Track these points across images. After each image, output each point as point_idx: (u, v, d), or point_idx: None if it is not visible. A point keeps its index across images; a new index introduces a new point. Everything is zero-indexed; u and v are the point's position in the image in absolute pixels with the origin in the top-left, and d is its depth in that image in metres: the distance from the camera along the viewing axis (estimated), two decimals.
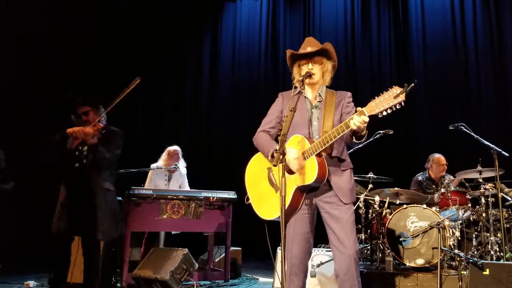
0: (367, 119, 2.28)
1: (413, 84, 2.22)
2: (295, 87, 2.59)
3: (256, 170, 2.75)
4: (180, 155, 5.65)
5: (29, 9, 7.18)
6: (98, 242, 3.55)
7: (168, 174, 5.55)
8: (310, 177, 2.44)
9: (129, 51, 8.42)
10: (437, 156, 5.56)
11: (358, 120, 2.28)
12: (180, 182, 5.59)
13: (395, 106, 2.22)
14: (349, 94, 2.71)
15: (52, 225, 3.42)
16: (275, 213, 2.55)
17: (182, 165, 5.65)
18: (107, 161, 3.50)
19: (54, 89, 6.77)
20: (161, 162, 5.58)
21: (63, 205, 3.45)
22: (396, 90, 2.22)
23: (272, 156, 2.50)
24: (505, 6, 6.90)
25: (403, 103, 2.20)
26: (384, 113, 2.25)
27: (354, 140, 2.45)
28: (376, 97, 2.27)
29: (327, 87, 2.71)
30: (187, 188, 5.56)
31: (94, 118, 3.54)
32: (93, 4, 7.78)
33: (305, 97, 2.68)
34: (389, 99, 2.22)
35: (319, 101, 2.66)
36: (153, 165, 5.58)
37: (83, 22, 7.68)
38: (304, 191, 2.55)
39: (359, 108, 2.31)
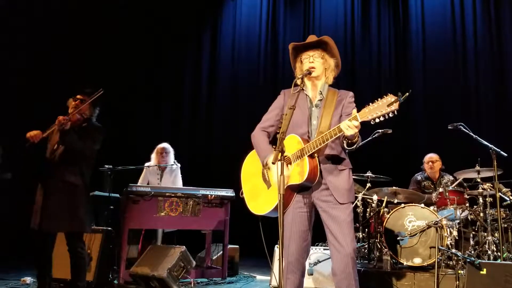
0: (357, 124, 2.29)
1: (407, 94, 2.21)
2: (296, 85, 2.57)
3: (252, 165, 2.76)
4: (169, 152, 5.57)
5: (28, 8, 7.16)
6: (80, 236, 3.57)
7: (160, 172, 5.52)
8: (301, 177, 2.46)
9: (128, 49, 8.41)
10: (427, 155, 5.60)
11: (348, 124, 2.29)
12: (172, 179, 5.53)
13: (388, 114, 2.22)
14: (351, 94, 2.69)
15: (31, 222, 3.47)
16: (265, 208, 2.59)
17: (171, 161, 5.58)
18: (79, 152, 3.48)
19: (52, 87, 6.76)
20: (152, 160, 5.57)
21: (36, 201, 3.50)
22: (390, 98, 2.21)
23: (267, 165, 2.57)
24: (505, 6, 6.90)
25: (396, 112, 2.20)
26: (377, 120, 2.26)
27: (345, 146, 2.48)
28: (370, 104, 2.27)
29: (329, 85, 2.70)
30: (179, 184, 5.49)
31: (84, 109, 3.58)
32: (92, 2, 7.75)
33: (306, 95, 2.67)
34: (383, 107, 2.22)
35: (320, 100, 2.65)
36: (147, 164, 5.56)
37: (83, 21, 7.66)
38: (295, 190, 2.56)
39: (354, 111, 2.33)
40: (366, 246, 4.81)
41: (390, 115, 2.23)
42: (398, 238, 4.27)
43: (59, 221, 3.40)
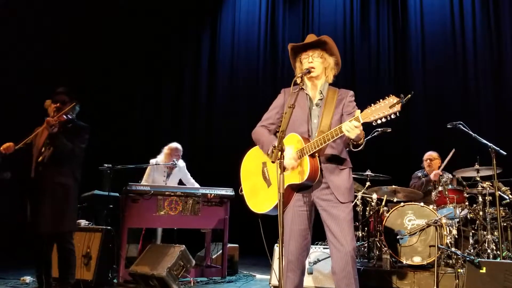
0: (358, 124, 2.26)
1: (409, 95, 2.20)
2: (296, 84, 2.57)
3: (252, 163, 2.75)
4: (181, 154, 5.58)
5: (28, 8, 7.15)
6: (71, 234, 3.63)
7: (168, 170, 5.47)
8: (302, 176, 2.45)
9: (127, 49, 8.41)
10: (426, 153, 5.64)
11: (349, 125, 2.28)
12: (180, 177, 5.51)
13: (390, 115, 2.21)
14: (351, 93, 2.69)
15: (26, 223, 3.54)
16: (265, 207, 2.59)
17: (181, 162, 5.58)
18: (69, 153, 3.54)
19: (52, 87, 6.77)
20: (161, 158, 5.52)
21: (27, 203, 3.57)
22: (392, 99, 2.20)
23: (272, 152, 2.50)
24: (504, 5, 6.90)
25: (398, 113, 2.20)
26: (379, 121, 2.24)
27: (351, 147, 2.47)
28: (372, 105, 2.26)
29: (329, 84, 2.70)
30: (192, 181, 5.50)
31: (65, 110, 3.63)
32: (93, 2, 7.75)
33: (306, 94, 2.66)
34: (385, 108, 2.21)
35: (320, 99, 2.64)
36: (152, 160, 5.51)
37: (83, 20, 7.66)
38: (295, 189, 2.56)
39: (357, 111, 2.31)
40: (366, 245, 4.81)
41: (392, 116, 2.21)
42: (397, 237, 4.27)
43: (56, 223, 3.45)
